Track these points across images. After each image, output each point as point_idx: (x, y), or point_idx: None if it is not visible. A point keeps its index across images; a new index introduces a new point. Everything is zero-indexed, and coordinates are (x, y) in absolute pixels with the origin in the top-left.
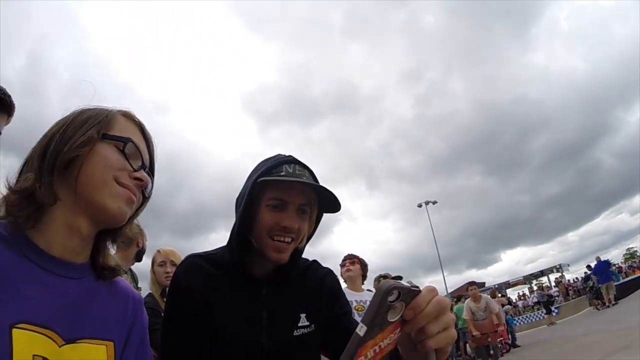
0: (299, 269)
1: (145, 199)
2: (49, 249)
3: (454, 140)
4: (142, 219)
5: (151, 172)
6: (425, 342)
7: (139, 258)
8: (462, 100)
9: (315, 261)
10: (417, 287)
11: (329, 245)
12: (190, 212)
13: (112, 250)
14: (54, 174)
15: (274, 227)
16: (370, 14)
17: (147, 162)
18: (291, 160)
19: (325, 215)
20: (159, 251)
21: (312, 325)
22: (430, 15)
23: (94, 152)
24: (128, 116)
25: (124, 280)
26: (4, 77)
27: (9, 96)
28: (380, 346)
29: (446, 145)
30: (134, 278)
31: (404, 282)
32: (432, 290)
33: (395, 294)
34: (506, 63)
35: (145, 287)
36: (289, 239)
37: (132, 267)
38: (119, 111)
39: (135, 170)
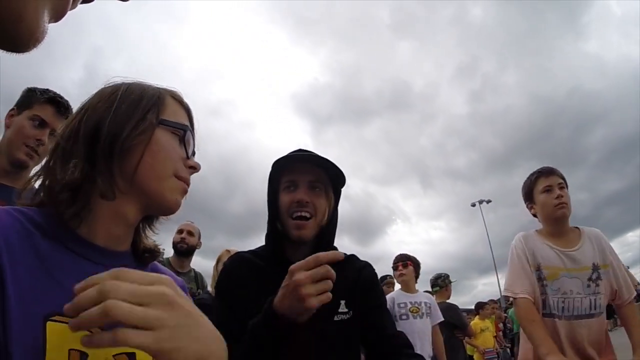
0: None
1: None
2: (92, 239)
3: (509, 136)
4: (197, 220)
5: None
6: None
7: (181, 253)
8: (516, 94)
9: (353, 255)
10: None
11: (383, 246)
12: (244, 213)
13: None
14: (113, 163)
15: (291, 204)
16: (417, 10)
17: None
18: (299, 150)
19: (379, 216)
20: (227, 250)
21: (351, 312)
22: (478, 8)
23: (153, 140)
24: (177, 98)
25: (162, 266)
26: (63, 92)
27: (67, 100)
28: None
29: (501, 141)
30: (198, 282)
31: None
32: None
33: None
34: (558, 54)
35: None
36: (307, 214)
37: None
38: (167, 91)
39: (188, 158)
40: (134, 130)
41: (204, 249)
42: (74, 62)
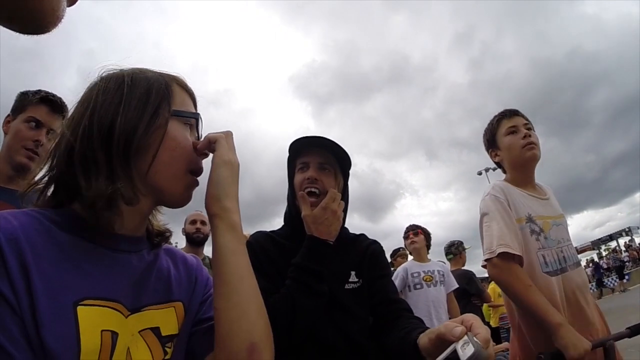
0: (346, 236)
1: None
2: (111, 230)
3: (512, 102)
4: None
5: None
6: None
7: (196, 243)
8: (516, 60)
9: (362, 233)
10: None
11: (392, 221)
12: (253, 200)
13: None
14: (131, 167)
15: (303, 182)
16: None
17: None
18: (311, 135)
19: (387, 191)
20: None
21: (360, 281)
22: None
23: (168, 135)
24: (182, 85)
25: (176, 248)
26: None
27: (60, 98)
28: None
29: (504, 107)
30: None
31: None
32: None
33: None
34: (556, 17)
35: None
36: (316, 190)
37: None
38: (172, 78)
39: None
40: (149, 127)
41: None
42: (67, 68)
